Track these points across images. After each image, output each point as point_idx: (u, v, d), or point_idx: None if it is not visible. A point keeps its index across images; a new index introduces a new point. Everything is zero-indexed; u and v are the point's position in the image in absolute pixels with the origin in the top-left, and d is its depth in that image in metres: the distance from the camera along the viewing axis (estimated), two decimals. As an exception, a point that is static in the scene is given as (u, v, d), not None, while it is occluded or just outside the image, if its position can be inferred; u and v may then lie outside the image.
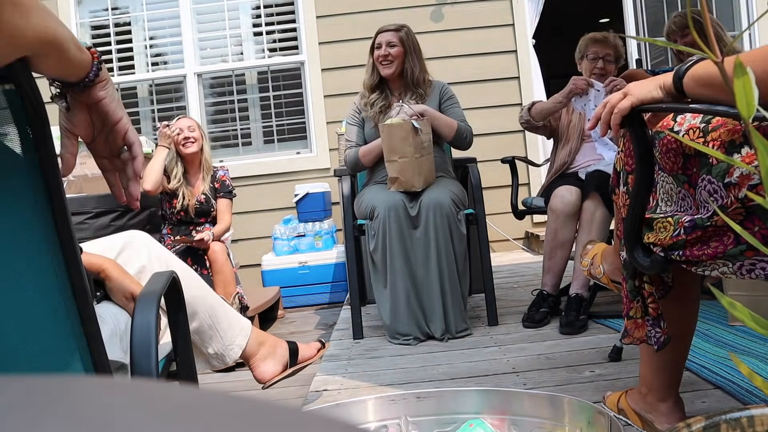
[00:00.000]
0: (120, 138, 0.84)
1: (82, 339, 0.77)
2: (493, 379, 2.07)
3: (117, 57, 5.03)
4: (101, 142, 0.84)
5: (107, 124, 0.83)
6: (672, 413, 1.46)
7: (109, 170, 0.87)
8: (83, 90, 0.78)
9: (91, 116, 0.82)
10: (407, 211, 2.65)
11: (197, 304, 1.63)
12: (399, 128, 2.65)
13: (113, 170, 0.87)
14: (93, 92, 0.79)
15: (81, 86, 0.77)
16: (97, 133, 0.83)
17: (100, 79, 0.78)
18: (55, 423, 0.19)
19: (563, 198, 2.69)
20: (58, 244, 0.73)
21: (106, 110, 0.81)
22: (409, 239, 2.63)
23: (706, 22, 0.52)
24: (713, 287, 0.58)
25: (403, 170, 2.67)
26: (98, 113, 0.81)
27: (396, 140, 2.66)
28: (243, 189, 4.59)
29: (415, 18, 4.79)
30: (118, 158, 0.86)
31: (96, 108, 0.81)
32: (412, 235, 2.64)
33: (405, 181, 2.68)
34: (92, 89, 0.78)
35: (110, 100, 0.80)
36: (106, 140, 0.84)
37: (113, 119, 0.82)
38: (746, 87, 0.49)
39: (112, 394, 0.21)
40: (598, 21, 8.18)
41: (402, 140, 2.65)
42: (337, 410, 1.41)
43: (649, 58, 5.02)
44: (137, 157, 0.86)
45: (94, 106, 0.80)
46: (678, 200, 1.28)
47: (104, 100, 0.80)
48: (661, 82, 1.19)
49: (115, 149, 0.85)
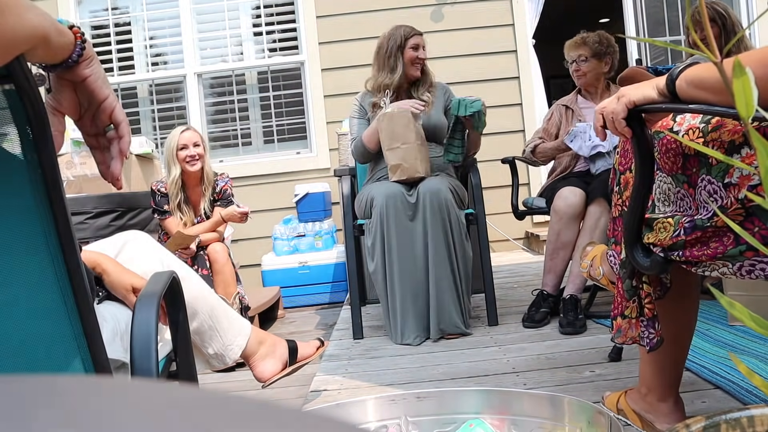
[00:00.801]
0: (107, 116, 0.83)
1: (82, 338, 0.77)
2: (493, 379, 2.07)
3: (117, 57, 5.03)
4: (88, 120, 0.84)
5: (94, 102, 0.82)
6: (672, 413, 1.46)
7: (96, 148, 0.86)
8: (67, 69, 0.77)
9: (77, 94, 0.81)
10: (406, 200, 2.65)
11: (197, 304, 1.63)
12: (400, 115, 2.69)
13: (100, 148, 0.86)
14: (78, 70, 0.78)
15: (64, 66, 0.76)
16: (84, 111, 0.83)
17: (84, 57, 0.77)
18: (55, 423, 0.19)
19: (567, 199, 2.69)
20: (58, 244, 0.73)
21: (92, 88, 0.80)
22: (407, 228, 2.63)
23: (705, 22, 0.52)
24: (713, 287, 0.58)
25: (406, 156, 2.69)
26: (84, 91, 0.81)
27: (399, 126, 2.69)
28: (243, 189, 4.60)
29: (415, 18, 4.78)
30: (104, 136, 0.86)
31: (81, 86, 0.80)
32: (410, 225, 2.63)
33: (408, 167, 2.69)
34: (77, 67, 0.78)
35: (96, 77, 0.80)
36: (93, 118, 0.84)
37: (100, 97, 0.81)
38: (745, 87, 0.49)
39: (112, 394, 0.21)
40: (598, 21, 8.18)
41: (404, 127, 2.69)
42: (337, 410, 1.41)
43: (649, 57, 5.02)
44: (124, 137, 0.85)
45: (80, 84, 0.79)
46: (677, 200, 1.28)
47: (89, 78, 0.79)
48: (656, 83, 1.20)
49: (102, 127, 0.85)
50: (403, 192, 2.67)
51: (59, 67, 0.76)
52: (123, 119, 0.85)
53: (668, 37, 4.96)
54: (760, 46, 2.43)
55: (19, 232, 0.71)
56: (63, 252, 0.73)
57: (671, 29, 4.97)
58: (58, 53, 0.73)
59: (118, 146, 0.85)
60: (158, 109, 5.09)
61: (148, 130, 5.07)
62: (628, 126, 1.23)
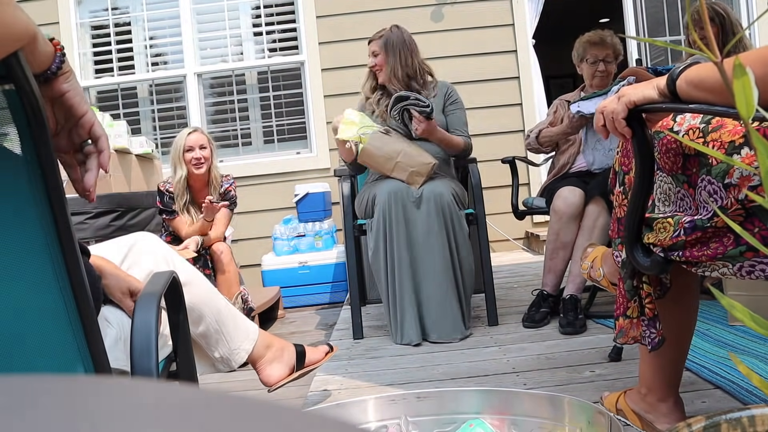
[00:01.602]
0: (86, 132, 0.82)
1: (82, 338, 0.76)
2: (493, 379, 2.07)
3: (117, 57, 5.03)
4: (64, 137, 0.82)
5: (71, 118, 0.81)
6: (672, 413, 1.46)
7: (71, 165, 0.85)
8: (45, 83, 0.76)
9: (53, 110, 0.80)
10: (408, 196, 2.65)
11: (204, 308, 1.63)
12: (372, 140, 2.72)
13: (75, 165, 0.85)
14: (56, 85, 0.77)
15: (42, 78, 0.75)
16: (60, 128, 0.81)
17: (62, 71, 0.76)
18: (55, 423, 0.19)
19: (566, 199, 2.69)
20: (58, 245, 0.73)
21: (71, 104, 0.79)
22: (410, 224, 2.63)
23: (705, 21, 0.52)
24: (713, 287, 0.58)
25: (409, 160, 2.70)
26: (61, 107, 0.80)
27: (380, 151, 2.72)
28: (243, 189, 4.59)
29: (415, 18, 4.79)
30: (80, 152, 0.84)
31: (59, 102, 0.79)
32: (412, 222, 2.63)
33: (419, 164, 2.69)
34: (55, 82, 0.77)
35: (74, 93, 0.79)
36: (69, 135, 0.82)
37: (78, 113, 0.80)
38: (746, 87, 0.49)
39: (112, 394, 0.21)
40: (598, 21, 8.18)
41: (384, 146, 2.72)
42: (338, 410, 1.41)
43: (649, 57, 5.02)
44: (103, 151, 0.84)
45: (58, 99, 0.78)
46: (677, 200, 1.28)
47: (68, 93, 0.78)
48: (656, 83, 1.20)
49: (78, 143, 0.83)
50: (406, 188, 2.67)
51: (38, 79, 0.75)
52: (102, 133, 0.83)
53: (668, 37, 4.96)
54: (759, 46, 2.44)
55: (19, 232, 0.71)
56: (63, 252, 0.73)
57: (671, 29, 4.97)
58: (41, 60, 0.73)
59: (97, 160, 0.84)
60: (158, 109, 5.09)
61: (148, 130, 5.07)
62: (628, 126, 1.23)
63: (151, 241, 1.51)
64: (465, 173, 3.07)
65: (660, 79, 1.20)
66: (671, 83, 1.16)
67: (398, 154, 2.70)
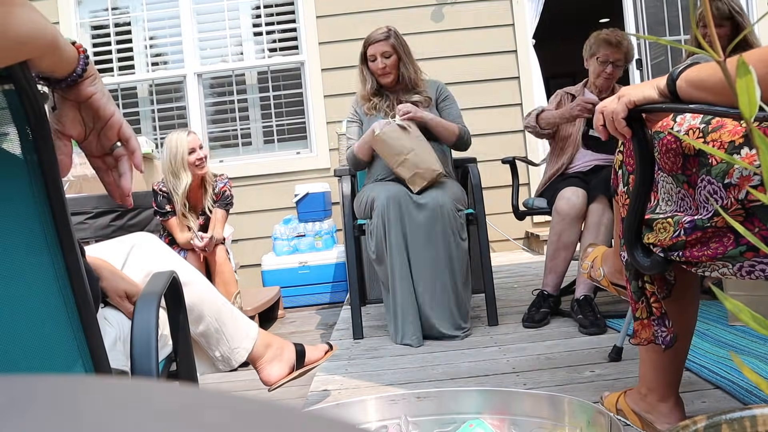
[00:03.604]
0: (114, 134, 0.81)
1: (83, 338, 0.76)
2: (493, 379, 2.07)
3: (117, 57, 5.04)
4: (94, 140, 0.82)
5: (99, 121, 0.80)
6: (672, 413, 1.46)
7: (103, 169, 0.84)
8: (71, 87, 0.75)
9: (81, 114, 0.79)
10: (407, 200, 2.64)
11: (204, 307, 1.63)
12: (390, 132, 2.69)
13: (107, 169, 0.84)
14: (82, 88, 0.76)
15: (68, 82, 0.74)
16: (89, 131, 0.81)
17: (88, 74, 0.75)
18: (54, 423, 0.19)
19: (569, 200, 2.68)
20: (58, 245, 0.73)
21: (98, 106, 0.78)
22: (409, 227, 2.62)
23: (709, 20, 0.52)
24: (714, 287, 0.58)
25: (416, 162, 2.67)
26: (88, 110, 0.79)
27: (394, 142, 2.68)
28: (243, 189, 4.60)
29: (415, 18, 4.79)
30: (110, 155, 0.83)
31: (86, 105, 0.78)
32: (411, 225, 2.63)
33: (426, 169, 2.67)
34: (81, 85, 0.76)
35: (101, 95, 0.78)
36: (98, 138, 0.82)
37: (106, 115, 0.79)
38: (749, 86, 0.48)
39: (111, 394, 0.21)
40: (598, 21, 8.18)
41: (398, 140, 2.68)
42: (338, 410, 1.41)
43: (650, 58, 5.01)
44: (135, 152, 0.83)
45: (84, 103, 0.78)
46: (677, 200, 1.28)
47: (95, 95, 0.77)
48: (656, 83, 1.20)
49: (108, 146, 0.82)
50: (405, 192, 2.67)
51: (63, 83, 0.74)
52: (131, 134, 0.82)
53: (668, 37, 4.95)
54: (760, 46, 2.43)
55: (18, 232, 0.71)
56: (63, 252, 0.73)
57: (671, 29, 4.97)
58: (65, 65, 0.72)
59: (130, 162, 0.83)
60: (158, 109, 5.09)
61: (148, 130, 5.07)
62: (628, 126, 1.23)
63: (151, 242, 1.51)
64: (465, 173, 3.06)
65: (660, 79, 1.20)
66: (671, 83, 1.16)
67: (410, 151, 2.68)
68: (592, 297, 2.61)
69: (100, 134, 0.81)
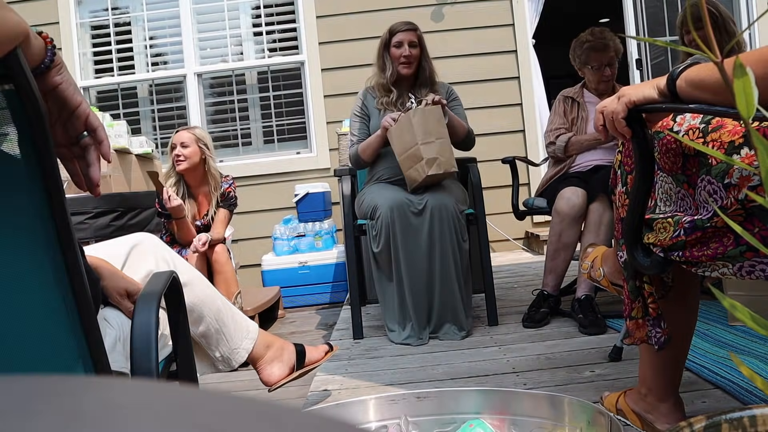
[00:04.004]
0: (81, 123, 0.81)
1: (82, 338, 0.76)
2: (493, 379, 2.07)
3: (117, 57, 5.03)
4: (60, 129, 0.82)
5: (65, 111, 0.80)
6: (672, 413, 1.46)
7: (68, 158, 0.84)
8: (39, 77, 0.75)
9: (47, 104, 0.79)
10: (411, 207, 2.63)
11: (204, 308, 1.63)
12: (433, 111, 2.65)
13: (72, 157, 0.84)
14: (48, 78, 0.77)
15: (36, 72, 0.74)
16: (55, 120, 0.81)
17: (55, 63, 0.76)
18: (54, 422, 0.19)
19: (569, 200, 2.68)
20: (58, 245, 0.73)
21: (64, 95, 0.78)
22: (413, 235, 2.62)
23: (706, 21, 0.52)
24: (713, 287, 0.58)
25: (442, 150, 2.65)
26: (55, 100, 0.79)
27: (432, 122, 2.65)
28: (243, 189, 4.59)
29: (415, 18, 4.76)
30: (76, 145, 0.83)
31: (53, 94, 0.78)
32: (416, 233, 2.63)
33: (445, 161, 2.65)
34: (47, 75, 0.76)
35: (67, 84, 0.78)
36: (64, 127, 0.82)
37: (72, 104, 0.79)
38: (746, 87, 0.49)
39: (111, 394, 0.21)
40: (598, 21, 8.18)
41: (437, 122, 2.65)
42: (338, 410, 1.41)
43: (649, 58, 5.02)
44: (102, 142, 0.83)
45: (51, 92, 0.78)
46: (677, 200, 1.28)
47: (61, 85, 0.78)
48: (656, 83, 1.20)
49: (74, 136, 0.83)
50: (408, 199, 2.66)
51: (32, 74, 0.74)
52: (99, 124, 0.83)
53: (668, 37, 4.95)
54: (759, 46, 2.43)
55: (18, 232, 0.71)
56: (63, 252, 0.73)
57: (671, 29, 4.97)
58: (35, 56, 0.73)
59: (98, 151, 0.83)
60: (158, 109, 5.09)
61: (148, 130, 5.07)
62: (628, 126, 1.23)
63: (152, 242, 1.51)
64: (465, 173, 3.06)
65: (660, 79, 1.20)
66: (671, 83, 1.16)
67: (440, 138, 2.63)
68: (593, 297, 2.61)
69: (66, 124, 0.81)
